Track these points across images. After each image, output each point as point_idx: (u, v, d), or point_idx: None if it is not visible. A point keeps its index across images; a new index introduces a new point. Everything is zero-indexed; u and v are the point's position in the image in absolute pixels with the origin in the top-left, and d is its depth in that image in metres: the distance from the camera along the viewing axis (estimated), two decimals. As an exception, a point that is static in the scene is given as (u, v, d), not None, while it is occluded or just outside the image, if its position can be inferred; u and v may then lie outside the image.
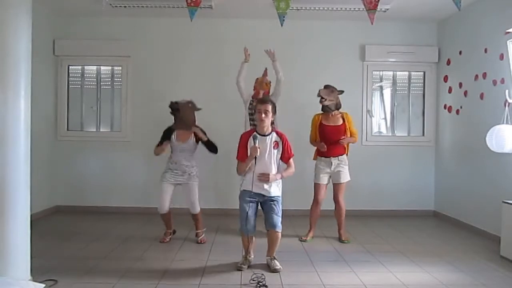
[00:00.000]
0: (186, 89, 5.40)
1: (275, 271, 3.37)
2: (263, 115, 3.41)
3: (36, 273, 3.00)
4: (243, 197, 3.48)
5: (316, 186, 4.39)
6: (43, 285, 2.79)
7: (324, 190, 4.40)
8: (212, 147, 4.21)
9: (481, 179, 4.75)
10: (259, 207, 3.53)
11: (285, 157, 3.53)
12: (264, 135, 3.47)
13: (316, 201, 4.39)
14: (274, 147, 3.48)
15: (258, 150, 3.35)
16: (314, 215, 4.43)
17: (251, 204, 3.43)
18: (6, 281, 2.57)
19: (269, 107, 3.43)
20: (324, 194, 4.40)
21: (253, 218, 3.45)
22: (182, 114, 4.12)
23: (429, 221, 5.53)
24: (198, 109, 4.26)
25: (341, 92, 4.39)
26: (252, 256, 3.58)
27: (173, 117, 4.23)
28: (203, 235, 4.31)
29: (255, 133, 3.47)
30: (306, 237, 4.40)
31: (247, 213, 3.40)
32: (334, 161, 4.32)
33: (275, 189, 3.48)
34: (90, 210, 5.65)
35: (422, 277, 3.32)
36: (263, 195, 3.45)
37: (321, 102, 4.31)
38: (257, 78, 4.73)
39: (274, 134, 3.52)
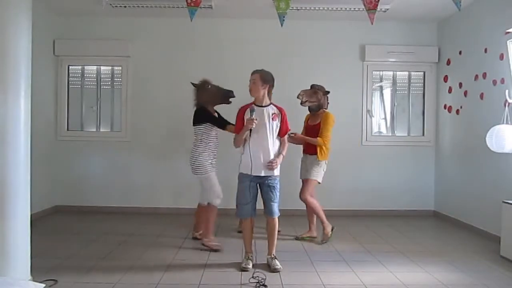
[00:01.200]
0: (186, 89, 5.39)
1: (275, 270, 3.37)
2: (251, 84, 3.47)
3: (36, 273, 2.99)
4: (243, 181, 3.47)
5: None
6: (43, 285, 2.78)
7: None
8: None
9: (481, 179, 4.75)
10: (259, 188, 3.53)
11: (283, 131, 3.53)
12: (261, 106, 3.47)
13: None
14: (273, 119, 3.45)
15: (255, 123, 3.34)
16: (307, 213, 4.48)
17: (251, 188, 3.44)
18: (6, 281, 2.57)
19: (255, 76, 3.45)
20: None
21: (253, 202, 3.48)
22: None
23: (429, 221, 5.53)
24: None
25: (327, 92, 4.37)
26: (253, 255, 3.58)
27: (202, 98, 4.14)
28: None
29: (253, 105, 3.46)
30: (301, 235, 4.42)
31: (247, 197, 3.43)
32: (307, 159, 4.37)
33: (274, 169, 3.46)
34: (90, 210, 5.65)
35: (422, 277, 3.32)
36: (262, 176, 3.43)
37: (301, 103, 4.31)
38: None
39: (272, 106, 3.51)
